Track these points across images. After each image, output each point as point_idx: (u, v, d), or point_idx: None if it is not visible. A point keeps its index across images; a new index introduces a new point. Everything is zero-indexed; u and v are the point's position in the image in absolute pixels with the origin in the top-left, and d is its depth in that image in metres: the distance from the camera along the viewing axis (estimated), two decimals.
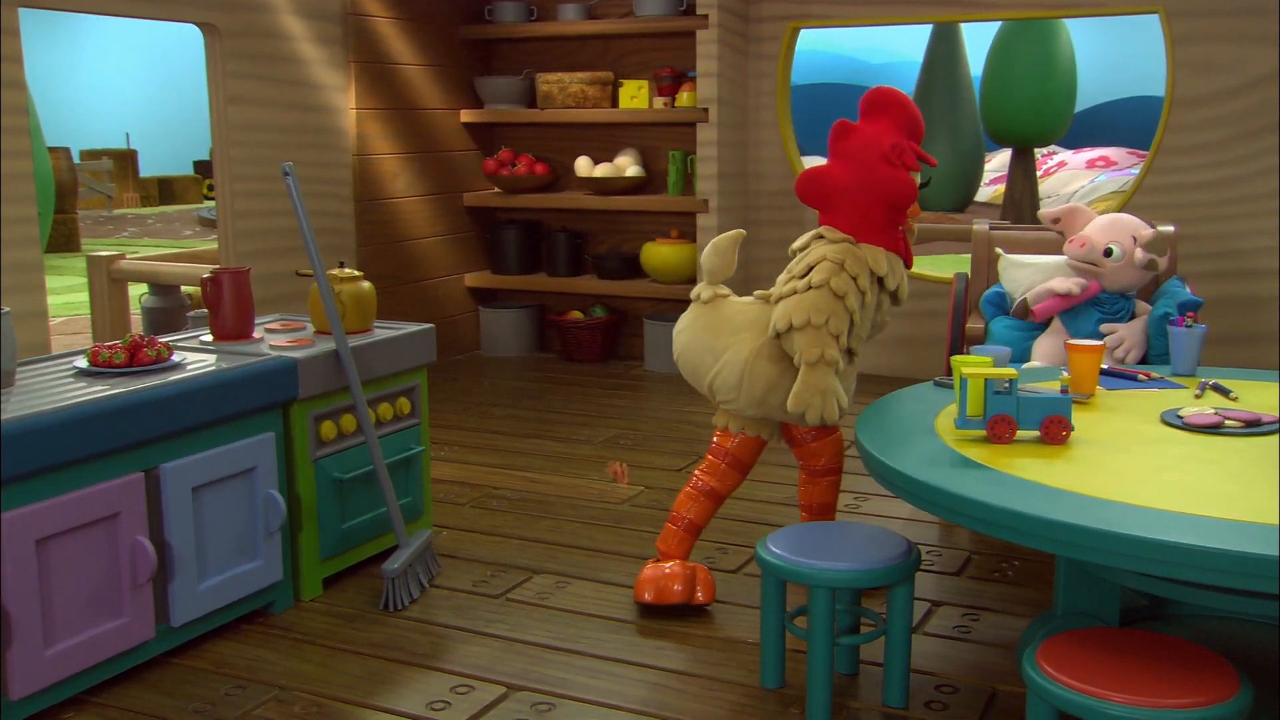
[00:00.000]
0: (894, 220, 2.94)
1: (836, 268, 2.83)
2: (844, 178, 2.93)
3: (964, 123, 10.74)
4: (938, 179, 10.83)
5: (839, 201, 2.93)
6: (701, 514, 3.08)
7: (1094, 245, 3.59)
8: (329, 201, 5.35)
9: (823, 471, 3.10)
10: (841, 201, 2.93)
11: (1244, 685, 1.93)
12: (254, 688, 2.67)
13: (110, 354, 2.78)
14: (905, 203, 2.92)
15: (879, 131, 2.92)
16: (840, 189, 2.92)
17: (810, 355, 2.78)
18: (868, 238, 2.91)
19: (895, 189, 2.89)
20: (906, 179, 2.90)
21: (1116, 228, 3.62)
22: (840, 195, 2.93)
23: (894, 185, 2.89)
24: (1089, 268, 3.61)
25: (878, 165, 2.89)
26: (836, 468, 3.12)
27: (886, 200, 2.90)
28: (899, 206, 2.92)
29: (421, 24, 5.86)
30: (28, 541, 2.41)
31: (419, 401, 3.45)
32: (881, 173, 2.89)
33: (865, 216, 2.91)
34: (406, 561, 3.13)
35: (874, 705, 2.58)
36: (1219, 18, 4.96)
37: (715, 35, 5.51)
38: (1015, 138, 10.22)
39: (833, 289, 2.81)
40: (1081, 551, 1.98)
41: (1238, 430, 2.50)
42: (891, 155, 2.89)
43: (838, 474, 3.12)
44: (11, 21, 3.87)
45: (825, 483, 3.11)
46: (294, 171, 3.07)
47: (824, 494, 3.12)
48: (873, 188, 2.89)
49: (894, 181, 2.89)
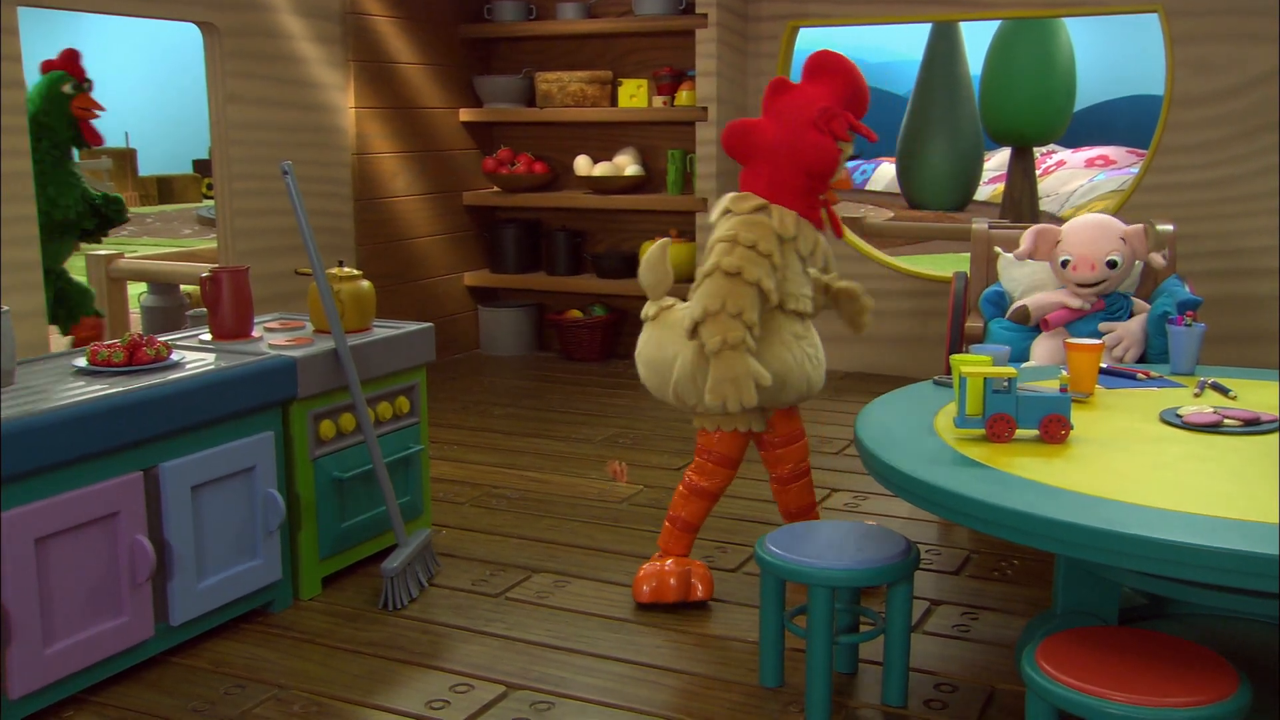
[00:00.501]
0: (813, 187, 2.89)
1: (728, 246, 2.81)
2: (770, 135, 2.88)
3: (963, 122, 10.73)
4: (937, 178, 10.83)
5: (761, 159, 2.89)
6: (695, 513, 3.07)
7: (1101, 264, 3.55)
8: (328, 200, 5.35)
9: (790, 477, 3.10)
10: (764, 159, 2.88)
11: (1243, 684, 1.93)
12: (253, 687, 2.67)
13: (109, 353, 2.78)
14: (826, 171, 2.86)
15: (815, 95, 2.87)
16: (764, 146, 2.88)
17: (711, 345, 2.76)
18: (782, 200, 2.87)
19: (818, 156, 2.84)
20: (831, 148, 2.84)
21: (1102, 235, 3.57)
22: (763, 152, 2.88)
23: (817, 152, 2.84)
24: (1100, 288, 3.58)
25: (806, 129, 2.84)
26: (804, 470, 3.12)
27: (807, 166, 2.85)
28: (819, 174, 2.87)
29: (421, 23, 5.86)
30: (27, 540, 2.41)
31: (418, 400, 3.45)
32: (808, 137, 2.84)
33: (784, 179, 2.87)
34: (406, 560, 3.13)
35: (873, 704, 2.58)
36: (1218, 17, 4.96)
37: (714, 34, 5.51)
38: (1014, 136, 10.21)
39: (724, 269, 2.78)
40: (1080, 550, 1.98)
41: (1237, 429, 2.50)
42: (820, 121, 2.83)
43: (807, 475, 3.13)
44: (11, 20, 3.86)
45: (797, 487, 3.11)
46: (293, 170, 3.07)
47: (799, 497, 3.13)
48: (796, 151, 2.84)
49: (818, 148, 2.83)
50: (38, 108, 4.34)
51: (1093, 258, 3.55)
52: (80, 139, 4.43)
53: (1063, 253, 3.60)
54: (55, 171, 4.36)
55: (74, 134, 4.37)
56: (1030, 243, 3.66)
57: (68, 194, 4.37)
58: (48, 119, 4.31)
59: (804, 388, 2.95)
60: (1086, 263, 3.55)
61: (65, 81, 4.34)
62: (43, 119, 4.30)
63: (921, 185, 10.95)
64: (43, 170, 4.32)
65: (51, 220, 4.34)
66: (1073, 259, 3.57)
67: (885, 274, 5.60)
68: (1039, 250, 3.67)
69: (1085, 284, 3.58)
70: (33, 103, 4.33)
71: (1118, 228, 3.59)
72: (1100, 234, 3.58)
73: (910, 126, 10.87)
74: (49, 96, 4.33)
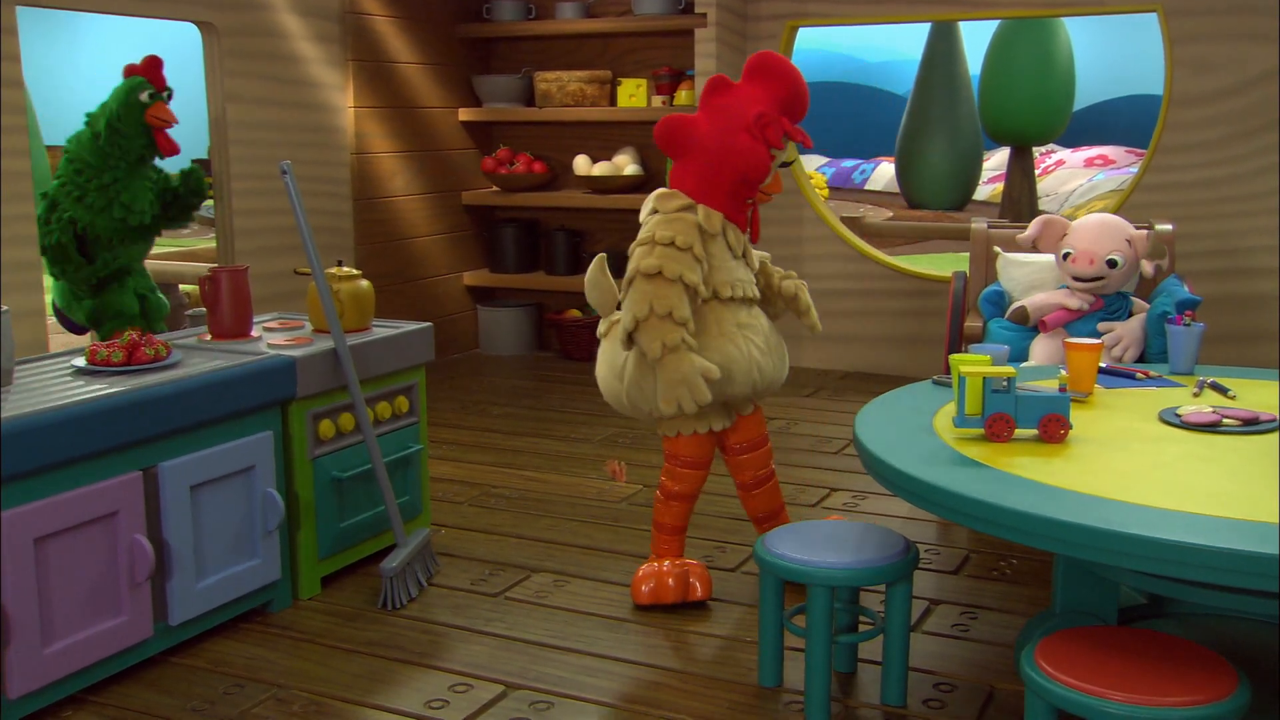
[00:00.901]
0: (740, 191, 2.86)
1: (646, 249, 2.79)
2: (704, 133, 2.84)
3: (962, 121, 10.73)
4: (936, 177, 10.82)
5: (693, 155, 2.86)
6: (676, 516, 3.06)
7: (1100, 261, 3.55)
8: (327, 200, 5.35)
9: (754, 483, 3.09)
10: (695, 156, 2.85)
11: (1242, 684, 1.93)
12: (252, 686, 2.67)
13: (108, 353, 2.78)
14: (755, 177, 2.84)
15: (752, 98, 2.83)
16: (697, 144, 2.84)
17: (652, 352, 2.72)
18: (710, 200, 2.85)
19: (748, 161, 2.81)
20: (762, 154, 2.81)
21: (1108, 233, 3.58)
22: (695, 150, 2.85)
23: (747, 157, 2.80)
24: (1097, 284, 3.58)
25: (739, 132, 2.80)
26: (767, 475, 3.10)
27: (737, 170, 2.82)
28: (749, 180, 2.84)
29: (420, 22, 5.86)
30: (26, 540, 2.41)
31: (417, 400, 3.45)
32: (740, 141, 2.80)
33: (712, 179, 2.84)
34: (405, 560, 3.13)
35: (872, 703, 2.58)
36: (1217, 16, 4.96)
37: (714, 34, 5.50)
38: (1014, 136, 10.21)
39: (643, 271, 2.76)
40: (1080, 550, 1.98)
41: (1236, 429, 2.50)
42: (754, 126, 2.80)
43: (771, 479, 3.11)
44: (10, 20, 3.86)
45: (761, 493, 3.10)
46: (292, 170, 3.07)
47: (766, 502, 3.12)
48: (727, 153, 2.81)
49: (749, 153, 2.80)
50: (113, 113, 4.23)
51: (1094, 253, 3.55)
52: (154, 148, 4.33)
53: (1066, 245, 3.61)
54: (129, 178, 4.25)
55: (148, 142, 4.28)
56: (1036, 229, 3.69)
57: (142, 198, 4.27)
58: (121, 125, 4.22)
59: (755, 376, 2.89)
60: (1086, 257, 3.56)
61: (143, 89, 4.23)
62: (116, 124, 4.22)
63: (921, 185, 10.94)
64: (116, 177, 4.23)
65: (127, 226, 4.26)
66: (1074, 252, 3.58)
67: (884, 274, 5.60)
68: (1043, 239, 3.69)
69: (1081, 278, 3.58)
70: (109, 108, 4.26)
71: (1126, 230, 3.60)
72: (1106, 232, 3.59)
73: (910, 126, 10.87)
74: (125, 103, 4.23)
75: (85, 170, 4.23)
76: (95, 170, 4.23)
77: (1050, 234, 3.68)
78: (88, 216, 4.21)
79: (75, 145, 4.29)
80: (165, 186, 4.43)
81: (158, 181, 4.41)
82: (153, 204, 4.33)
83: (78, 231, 4.24)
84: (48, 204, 4.27)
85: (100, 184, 4.22)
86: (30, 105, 5.09)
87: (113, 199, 4.22)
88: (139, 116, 4.23)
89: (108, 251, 4.31)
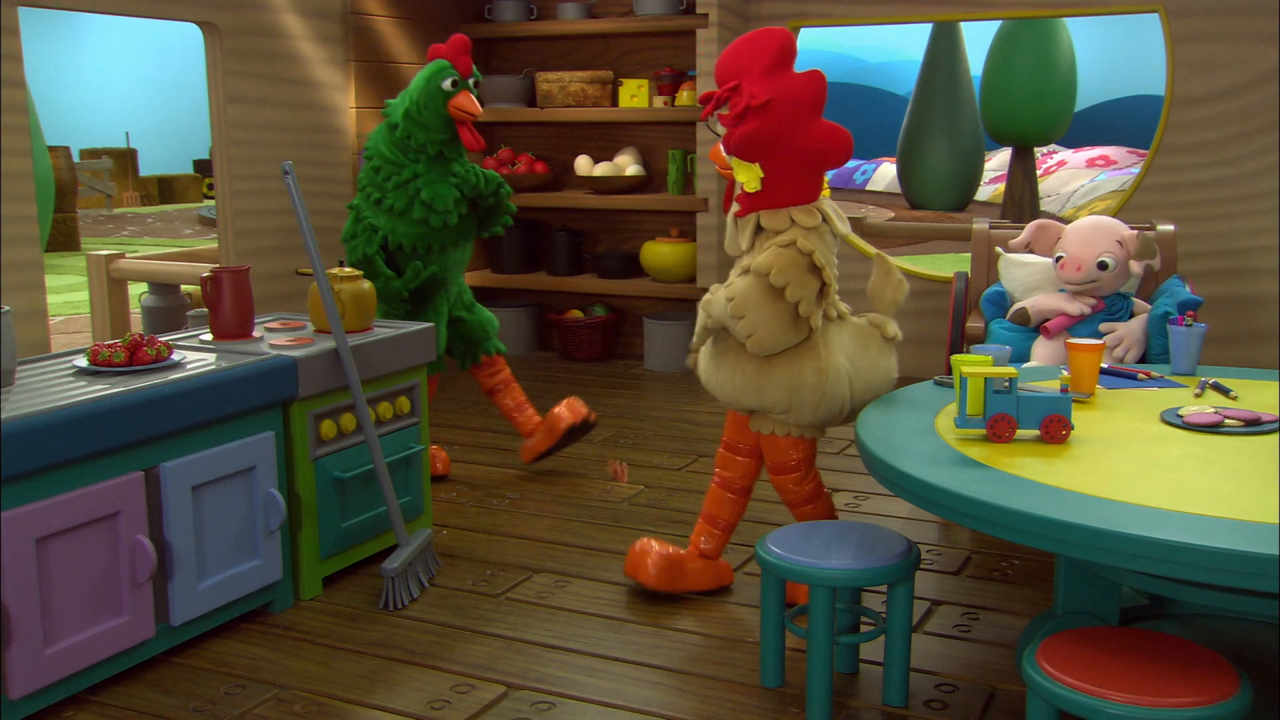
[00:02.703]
0: None
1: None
2: None
3: (964, 122, 10.74)
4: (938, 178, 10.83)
5: None
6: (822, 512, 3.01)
7: (1089, 264, 3.56)
8: (329, 200, 5.35)
9: (793, 503, 3.02)
10: None
11: (1243, 684, 1.93)
12: (254, 687, 2.68)
13: (110, 353, 2.78)
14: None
15: None
16: None
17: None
18: None
19: None
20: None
21: (1099, 235, 3.58)
22: None
23: None
24: (1090, 286, 3.59)
25: None
26: (799, 499, 3.00)
27: None
28: None
29: (421, 23, 5.86)
30: (28, 540, 2.41)
31: (418, 400, 3.45)
32: None
33: None
34: (406, 560, 3.13)
35: (874, 704, 2.58)
36: (1219, 16, 4.96)
37: (715, 34, 5.51)
38: (1015, 136, 10.22)
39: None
40: (1081, 550, 1.98)
41: (1237, 429, 2.50)
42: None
43: (810, 501, 3.00)
44: (11, 20, 3.86)
45: (802, 512, 3.02)
46: (293, 170, 3.07)
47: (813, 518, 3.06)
48: None
49: None
50: (413, 102, 3.78)
51: (1082, 258, 3.56)
52: (456, 143, 3.85)
53: (1059, 249, 3.62)
54: (430, 174, 3.80)
55: (450, 136, 3.81)
56: (1029, 235, 3.70)
57: (445, 197, 3.80)
58: (421, 115, 3.76)
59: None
60: (1075, 263, 3.56)
61: (446, 75, 3.75)
62: (416, 115, 3.77)
63: (922, 185, 10.95)
64: (415, 173, 3.81)
65: (430, 227, 3.82)
66: (1065, 256, 3.59)
67: None
68: (1036, 243, 3.69)
69: (1071, 282, 3.59)
70: (410, 95, 3.81)
71: (1118, 231, 3.59)
72: (1096, 235, 3.58)
73: (911, 127, 10.88)
74: (425, 91, 3.76)
75: (384, 167, 3.84)
76: (394, 166, 3.83)
77: (1044, 238, 3.68)
78: (389, 222, 3.82)
79: (373, 141, 3.90)
80: (476, 192, 3.97)
81: (464, 182, 3.93)
82: (458, 203, 3.88)
83: (385, 244, 3.85)
84: (353, 215, 3.90)
85: (399, 181, 3.81)
86: (31, 105, 5.09)
87: (412, 197, 3.81)
88: (440, 107, 3.78)
89: (416, 260, 3.88)
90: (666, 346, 5.83)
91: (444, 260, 3.93)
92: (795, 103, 2.72)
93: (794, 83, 2.73)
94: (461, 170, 3.92)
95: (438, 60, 3.82)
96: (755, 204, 2.80)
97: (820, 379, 2.77)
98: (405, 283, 3.84)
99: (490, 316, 4.18)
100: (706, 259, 5.71)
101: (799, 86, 2.73)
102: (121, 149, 16.74)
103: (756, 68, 2.74)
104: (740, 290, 2.74)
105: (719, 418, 4.93)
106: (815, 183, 2.82)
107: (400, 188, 3.81)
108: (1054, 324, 3.61)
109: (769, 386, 2.79)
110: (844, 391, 2.80)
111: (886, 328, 2.91)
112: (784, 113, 2.71)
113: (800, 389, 2.78)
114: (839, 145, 2.77)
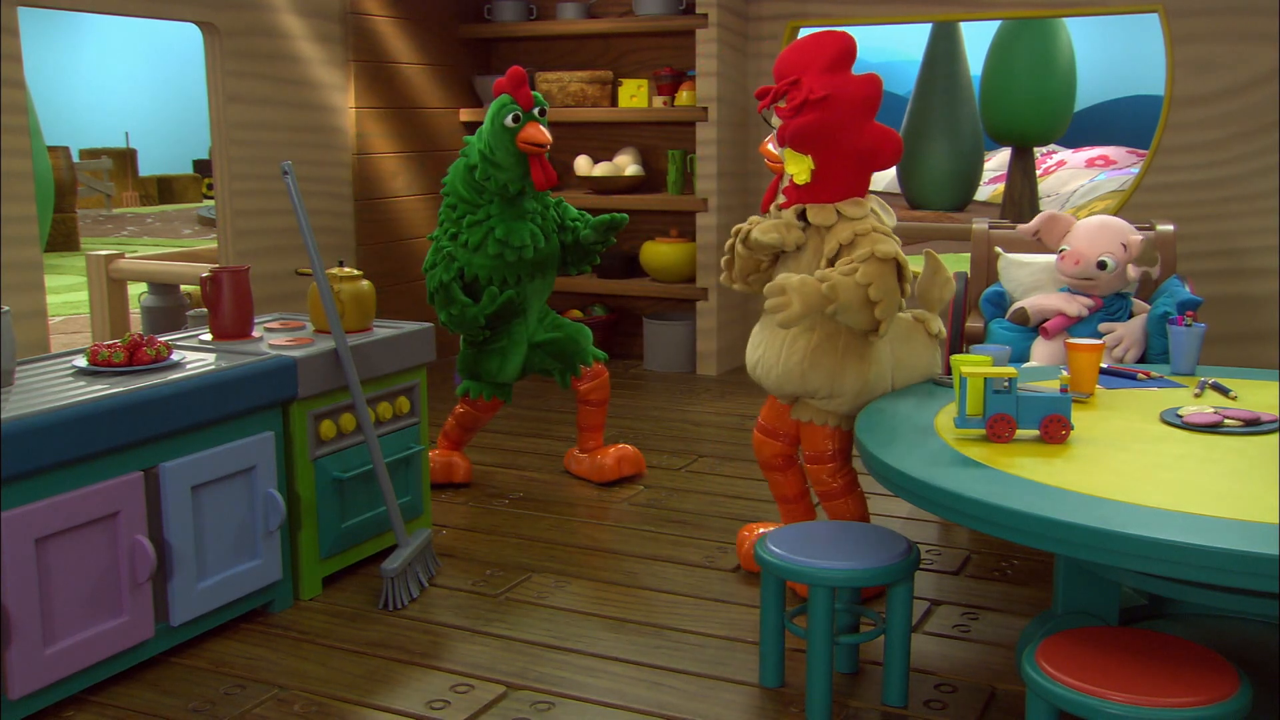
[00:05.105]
0: None
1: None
2: None
3: (963, 122, 10.73)
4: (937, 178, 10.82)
5: None
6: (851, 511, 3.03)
7: (1088, 261, 3.56)
8: (328, 200, 5.35)
9: (822, 496, 3.03)
10: None
11: (1243, 684, 1.93)
12: (253, 687, 2.67)
13: (109, 353, 2.78)
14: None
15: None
16: None
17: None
18: None
19: None
20: None
21: (1105, 235, 3.59)
22: None
23: None
24: (1086, 283, 3.59)
25: None
26: (830, 493, 3.02)
27: None
28: None
29: (421, 23, 5.86)
30: (27, 540, 2.41)
31: (418, 400, 3.45)
32: None
33: None
34: (406, 560, 3.13)
35: (873, 704, 2.58)
36: (1218, 16, 4.96)
37: (715, 34, 5.51)
38: (1015, 137, 10.22)
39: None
40: (1080, 550, 1.98)
41: (1237, 429, 2.50)
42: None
43: (840, 497, 3.01)
44: (11, 20, 3.86)
45: (830, 506, 3.03)
46: (293, 170, 3.07)
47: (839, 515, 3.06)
48: None
49: None
50: (485, 143, 3.72)
51: (1084, 254, 3.57)
52: (529, 178, 3.74)
53: (1066, 242, 3.64)
54: (504, 213, 3.73)
55: (524, 171, 3.72)
56: (1039, 223, 3.74)
57: (519, 234, 3.74)
58: (494, 156, 3.69)
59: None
60: (1074, 257, 3.59)
61: (509, 111, 3.67)
62: (490, 155, 3.70)
63: (922, 185, 10.95)
64: (489, 214, 3.75)
65: (505, 261, 3.76)
66: (1068, 249, 3.61)
67: None
68: (1046, 232, 3.73)
69: (1068, 275, 3.61)
70: (481, 138, 3.75)
71: (1126, 234, 3.60)
72: (1102, 234, 3.59)
73: (910, 126, 10.87)
74: (493, 131, 3.69)
75: (459, 205, 3.80)
76: (469, 205, 3.79)
77: (1054, 229, 3.71)
78: (465, 255, 3.77)
79: (451, 179, 3.85)
80: (571, 233, 3.96)
81: (551, 217, 3.91)
82: (535, 237, 3.80)
83: (462, 274, 3.80)
84: (433, 246, 3.85)
85: (473, 220, 3.77)
86: (31, 105, 5.09)
87: (486, 234, 3.76)
88: (510, 144, 3.69)
89: (493, 286, 3.81)
90: (666, 346, 5.83)
91: (522, 289, 3.89)
92: (851, 101, 2.82)
93: (851, 82, 2.84)
94: (538, 207, 3.87)
95: (500, 96, 3.74)
96: (802, 196, 2.89)
97: (864, 367, 2.84)
98: (481, 309, 3.78)
99: (580, 327, 4.09)
100: (706, 259, 5.71)
101: (856, 86, 2.83)
102: (121, 149, 16.74)
103: (817, 65, 2.83)
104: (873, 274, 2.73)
105: (719, 418, 4.93)
106: (863, 181, 2.90)
107: (475, 225, 3.77)
108: (1053, 324, 3.61)
109: (813, 372, 2.85)
110: (886, 382, 2.89)
111: (931, 324, 3.01)
112: (840, 110, 2.81)
113: (844, 376, 2.84)
114: (889, 146, 2.86)
